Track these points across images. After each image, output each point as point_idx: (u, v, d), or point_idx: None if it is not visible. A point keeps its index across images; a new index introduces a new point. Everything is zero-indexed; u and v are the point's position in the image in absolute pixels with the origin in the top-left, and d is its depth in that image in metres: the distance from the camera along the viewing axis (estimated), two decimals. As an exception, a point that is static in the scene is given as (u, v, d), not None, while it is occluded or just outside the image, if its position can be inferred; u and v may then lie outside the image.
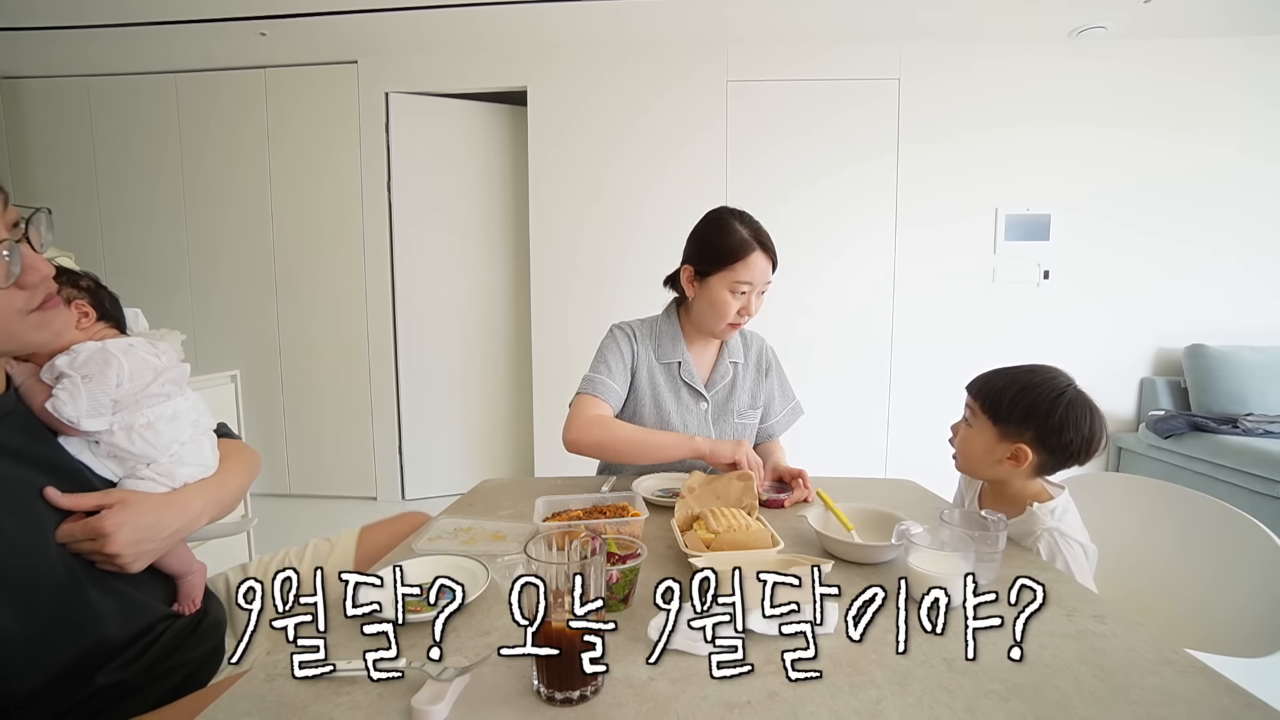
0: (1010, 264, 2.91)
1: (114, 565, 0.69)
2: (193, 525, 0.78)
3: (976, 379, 1.01)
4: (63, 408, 0.70)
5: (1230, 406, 2.60)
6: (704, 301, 1.29)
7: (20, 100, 3.19)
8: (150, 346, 0.84)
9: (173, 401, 0.81)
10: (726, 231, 1.25)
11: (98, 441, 0.75)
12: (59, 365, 0.74)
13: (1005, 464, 0.95)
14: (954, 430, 1.04)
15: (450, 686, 0.53)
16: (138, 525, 0.70)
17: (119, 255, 3.24)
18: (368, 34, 2.79)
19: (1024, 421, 0.93)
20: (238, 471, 0.89)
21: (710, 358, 1.39)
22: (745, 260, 1.23)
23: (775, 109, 2.92)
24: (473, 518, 1.01)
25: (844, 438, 3.01)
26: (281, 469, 3.29)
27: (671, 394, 1.33)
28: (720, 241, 1.26)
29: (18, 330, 0.63)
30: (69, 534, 0.66)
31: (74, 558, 0.67)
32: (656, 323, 1.39)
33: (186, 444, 0.82)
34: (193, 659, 0.77)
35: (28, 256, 0.62)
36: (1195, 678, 0.56)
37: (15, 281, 0.61)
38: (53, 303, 0.67)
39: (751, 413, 1.38)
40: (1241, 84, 2.78)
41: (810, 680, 0.55)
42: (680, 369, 1.34)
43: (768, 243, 1.25)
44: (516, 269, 3.27)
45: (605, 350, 1.35)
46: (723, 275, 1.25)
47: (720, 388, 1.36)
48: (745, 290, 1.24)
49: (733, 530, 0.81)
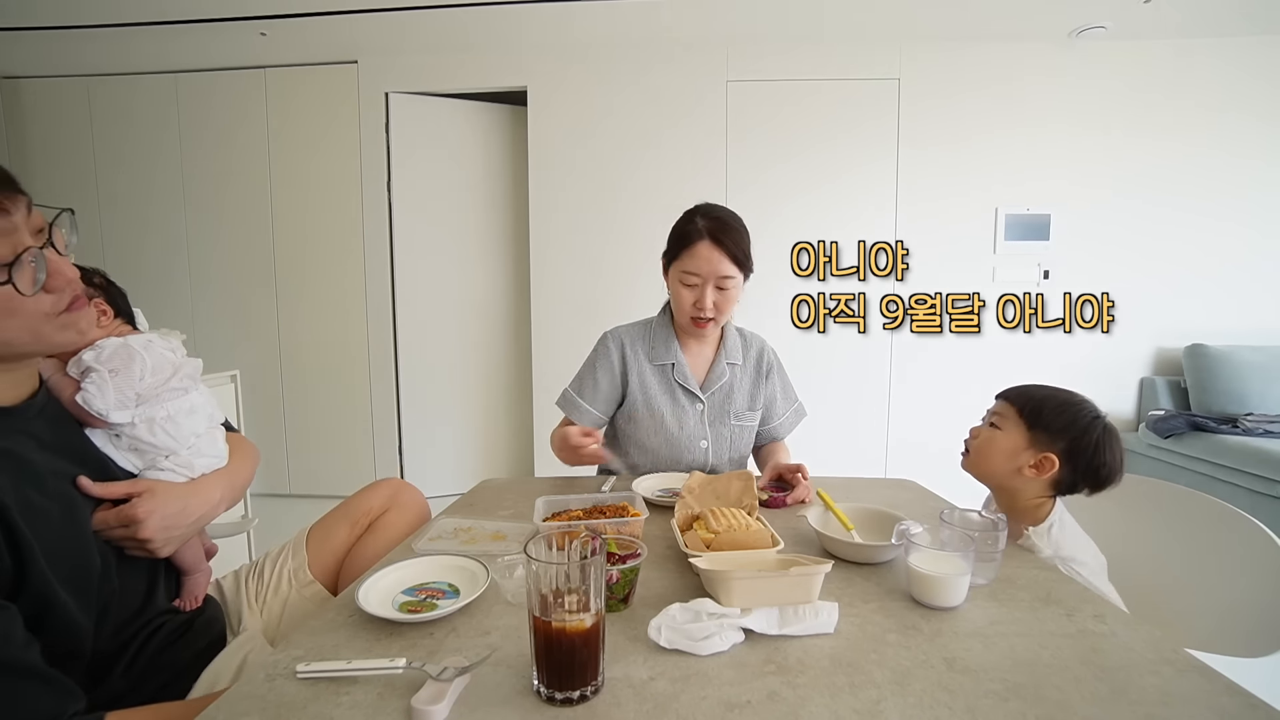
0: (1010, 264, 2.91)
1: (145, 550, 0.72)
2: (213, 513, 0.81)
3: (1013, 388, 1.03)
4: (93, 400, 0.73)
5: (1230, 406, 2.59)
6: (670, 295, 1.31)
7: (20, 100, 3.19)
8: (165, 342, 0.86)
9: (190, 395, 0.84)
10: (683, 222, 1.26)
11: (119, 435, 0.77)
12: (85, 360, 0.76)
13: (1027, 471, 0.95)
14: (973, 433, 1.05)
15: (450, 686, 0.53)
16: (166, 512, 0.73)
17: (119, 255, 3.23)
18: (368, 34, 2.79)
19: (1061, 432, 0.94)
20: (245, 463, 0.92)
21: (706, 358, 1.37)
22: (690, 250, 1.22)
23: (775, 109, 2.91)
24: (473, 518, 1.01)
25: (844, 438, 3.01)
26: (281, 469, 3.29)
27: (666, 395, 1.33)
28: (676, 232, 1.27)
29: (45, 333, 0.64)
30: (104, 521, 0.69)
31: (106, 546, 0.69)
32: (650, 324, 1.39)
33: (203, 436, 0.84)
34: (184, 657, 0.78)
35: (53, 261, 0.63)
36: (1195, 678, 0.56)
37: (42, 286, 0.62)
38: (79, 304, 0.68)
39: (750, 414, 1.37)
40: (1241, 84, 2.78)
41: (810, 680, 0.55)
42: (674, 370, 1.33)
43: (722, 236, 1.21)
44: (516, 269, 3.27)
45: (592, 361, 1.37)
46: (676, 265, 1.26)
47: (717, 389, 1.34)
48: (695, 282, 1.23)
49: (733, 530, 0.81)
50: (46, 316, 0.63)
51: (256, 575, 0.97)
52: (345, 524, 1.03)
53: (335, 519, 1.05)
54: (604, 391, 1.34)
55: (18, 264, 0.59)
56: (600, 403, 1.34)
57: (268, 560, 1.00)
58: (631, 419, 1.34)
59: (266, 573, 0.97)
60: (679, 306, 1.28)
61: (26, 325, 0.62)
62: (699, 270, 1.22)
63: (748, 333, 1.45)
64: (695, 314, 1.26)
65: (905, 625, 0.66)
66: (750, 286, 1.33)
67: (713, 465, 1.34)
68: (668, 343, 1.34)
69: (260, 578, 0.97)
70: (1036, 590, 0.75)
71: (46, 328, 0.64)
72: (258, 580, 0.96)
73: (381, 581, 0.73)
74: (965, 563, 0.71)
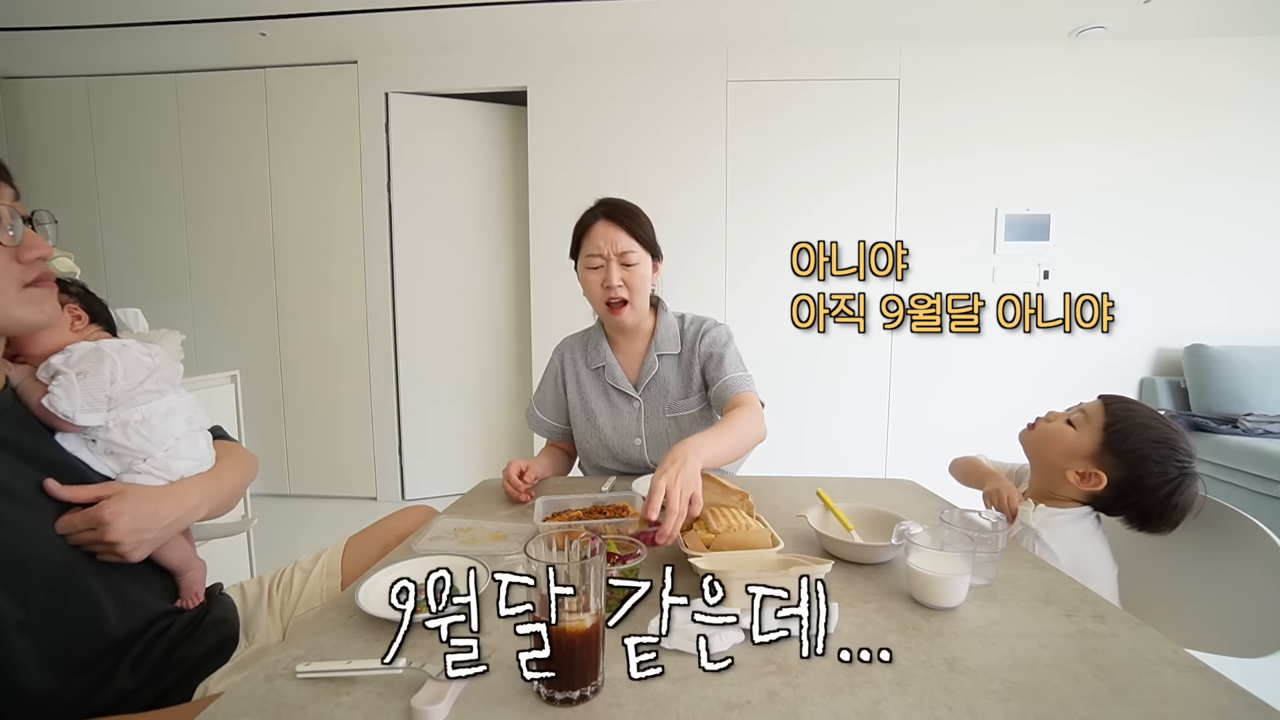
0: (1010, 264, 2.91)
1: (114, 554, 0.70)
2: (190, 516, 0.79)
3: (1118, 398, 1.00)
4: (58, 403, 0.72)
5: (1230, 406, 2.59)
6: (583, 290, 1.31)
7: (20, 100, 3.19)
8: (143, 347, 0.85)
9: (166, 398, 0.83)
10: (581, 215, 1.28)
11: (94, 439, 0.77)
12: (54, 364, 0.75)
13: (1071, 475, 0.95)
14: (1050, 416, 1.03)
15: (450, 686, 0.53)
16: (136, 514, 0.71)
17: (119, 255, 3.24)
18: (368, 34, 2.79)
19: (1133, 464, 0.92)
20: (236, 468, 0.90)
21: (638, 354, 1.34)
22: (589, 232, 1.24)
23: (775, 109, 2.92)
24: (473, 518, 1.02)
25: (844, 438, 3.00)
26: (281, 469, 3.29)
27: (602, 398, 1.34)
28: (575, 228, 1.29)
29: (10, 301, 0.65)
30: (69, 524, 0.68)
31: (74, 550, 0.68)
32: (590, 330, 1.41)
33: (181, 439, 0.83)
34: (192, 656, 0.77)
35: (29, 233, 0.65)
36: (1195, 678, 0.56)
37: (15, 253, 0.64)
38: (46, 281, 0.70)
39: (683, 403, 1.31)
40: (1241, 84, 2.78)
41: (810, 680, 0.55)
42: (604, 373, 1.34)
43: (615, 214, 1.23)
44: (516, 269, 3.27)
45: (545, 375, 1.42)
46: (580, 257, 1.27)
47: (649, 384, 1.31)
48: (598, 264, 1.23)
49: (733, 530, 0.81)
50: (15, 282, 0.66)
51: (285, 586, 0.96)
52: (379, 546, 1.03)
53: (369, 539, 1.05)
54: (551, 401, 1.39)
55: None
56: (551, 413, 1.39)
57: (297, 570, 0.99)
58: (575, 425, 1.37)
59: (296, 585, 0.96)
60: (593, 296, 1.27)
61: None
62: (599, 250, 1.22)
63: (689, 317, 1.36)
64: (607, 296, 1.23)
65: (905, 625, 0.66)
66: (750, 286, 1.33)
67: (653, 462, 1.31)
68: (598, 346, 1.35)
69: (289, 589, 0.96)
70: (1036, 590, 0.75)
71: (12, 296, 0.66)
72: (285, 592, 0.95)
73: (381, 581, 0.73)
74: (965, 563, 0.70)
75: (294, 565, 1.00)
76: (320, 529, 2.89)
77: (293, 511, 3.11)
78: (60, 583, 0.65)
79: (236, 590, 0.95)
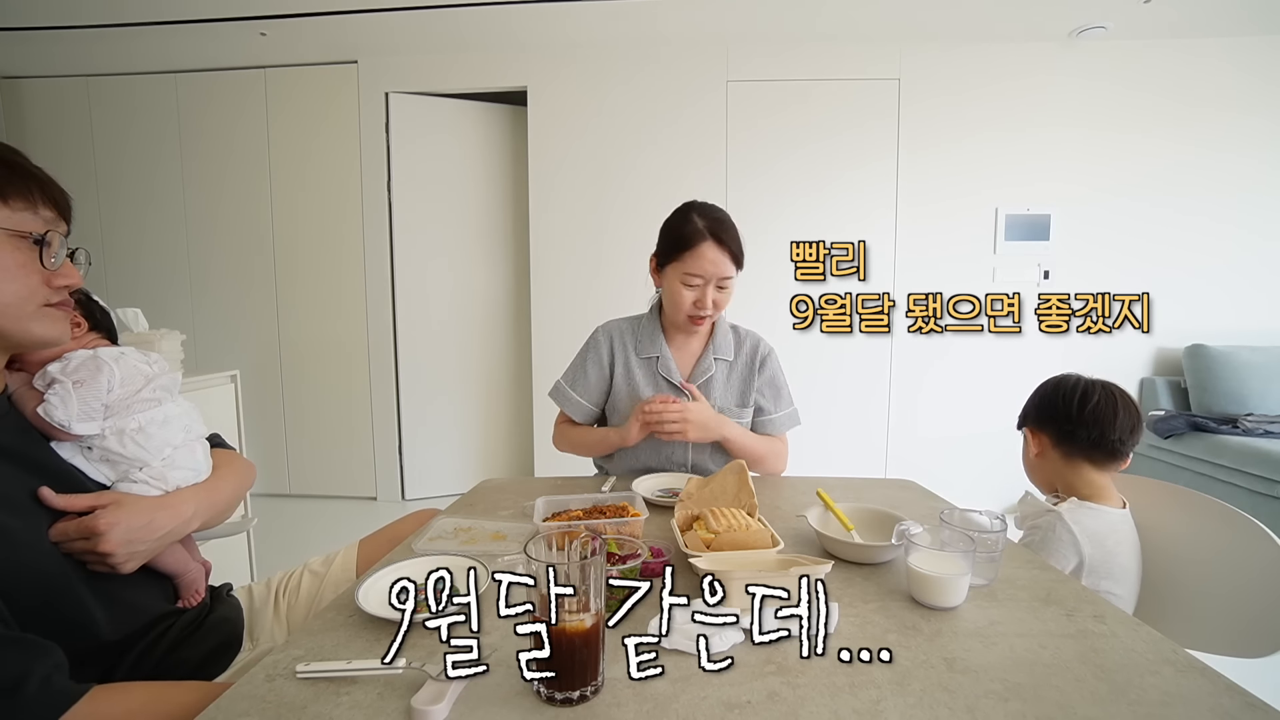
0: (1010, 264, 2.91)
1: (106, 565, 0.69)
2: (184, 528, 0.78)
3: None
4: (54, 411, 0.71)
5: (1230, 407, 2.59)
6: (665, 293, 1.31)
7: (20, 100, 3.19)
8: (142, 355, 0.84)
9: (164, 407, 0.82)
10: (682, 221, 1.26)
11: (90, 447, 0.76)
12: (51, 371, 0.75)
13: (1035, 459, 1.09)
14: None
15: (450, 686, 0.53)
16: (130, 525, 0.70)
17: (119, 255, 3.24)
18: (368, 34, 2.79)
19: (1036, 409, 1.09)
20: (231, 479, 0.89)
21: (694, 353, 1.37)
22: (694, 250, 1.22)
23: (775, 109, 2.91)
24: (473, 518, 1.01)
25: (844, 438, 3.01)
26: (281, 469, 3.29)
27: (651, 388, 1.34)
28: (673, 231, 1.26)
29: (28, 314, 0.67)
30: (63, 533, 0.67)
31: (67, 558, 0.68)
32: (641, 319, 1.41)
33: (179, 448, 0.82)
34: (194, 656, 0.77)
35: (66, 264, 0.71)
36: (1195, 678, 0.56)
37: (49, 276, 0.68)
38: (66, 306, 0.73)
39: (739, 411, 1.35)
40: (1241, 84, 2.78)
41: (810, 680, 0.55)
42: (658, 363, 1.34)
43: (724, 236, 1.22)
44: (516, 269, 3.27)
45: (583, 354, 1.40)
46: (675, 265, 1.25)
47: (702, 384, 1.33)
48: (697, 283, 1.23)
49: (733, 530, 0.81)
50: (38, 300, 0.68)
51: (293, 589, 0.96)
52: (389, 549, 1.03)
53: (380, 543, 1.05)
54: (593, 384, 1.37)
55: (48, 239, 0.67)
56: (590, 394, 1.37)
57: (307, 572, 0.98)
58: (615, 410, 1.36)
59: (305, 587, 0.96)
60: (677, 305, 1.27)
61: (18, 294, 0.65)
62: (702, 271, 1.22)
63: (742, 329, 1.43)
64: (695, 313, 1.26)
65: (905, 625, 0.66)
66: (750, 286, 1.33)
67: (694, 460, 1.33)
68: (654, 337, 1.35)
69: (297, 592, 0.96)
70: (1036, 590, 0.75)
71: (32, 311, 0.67)
72: (293, 595, 0.95)
73: (381, 581, 0.73)
74: (965, 563, 0.70)
75: (303, 567, 1.00)
76: (320, 529, 2.90)
77: (293, 511, 3.11)
78: (51, 591, 0.65)
79: (244, 592, 0.95)
